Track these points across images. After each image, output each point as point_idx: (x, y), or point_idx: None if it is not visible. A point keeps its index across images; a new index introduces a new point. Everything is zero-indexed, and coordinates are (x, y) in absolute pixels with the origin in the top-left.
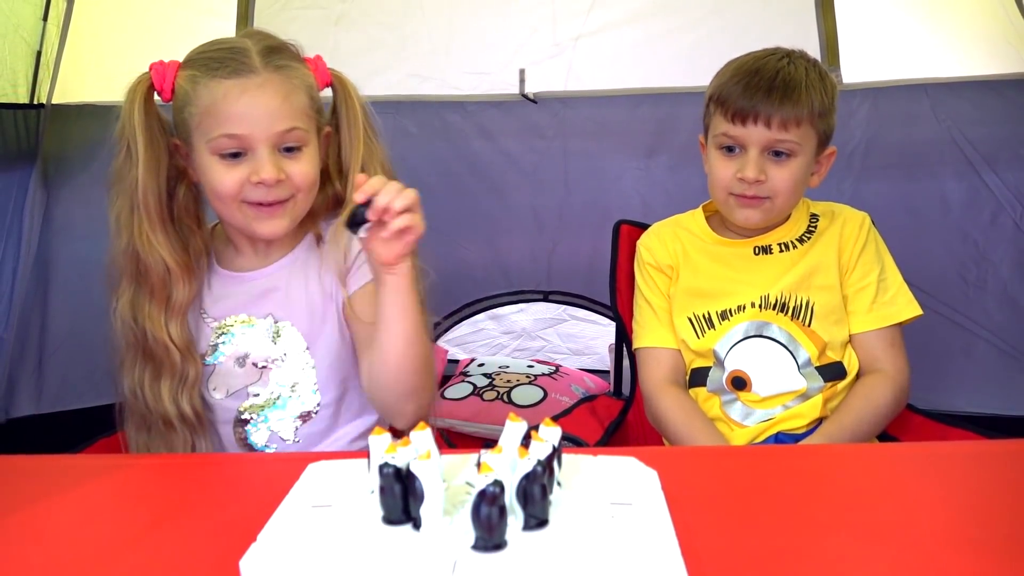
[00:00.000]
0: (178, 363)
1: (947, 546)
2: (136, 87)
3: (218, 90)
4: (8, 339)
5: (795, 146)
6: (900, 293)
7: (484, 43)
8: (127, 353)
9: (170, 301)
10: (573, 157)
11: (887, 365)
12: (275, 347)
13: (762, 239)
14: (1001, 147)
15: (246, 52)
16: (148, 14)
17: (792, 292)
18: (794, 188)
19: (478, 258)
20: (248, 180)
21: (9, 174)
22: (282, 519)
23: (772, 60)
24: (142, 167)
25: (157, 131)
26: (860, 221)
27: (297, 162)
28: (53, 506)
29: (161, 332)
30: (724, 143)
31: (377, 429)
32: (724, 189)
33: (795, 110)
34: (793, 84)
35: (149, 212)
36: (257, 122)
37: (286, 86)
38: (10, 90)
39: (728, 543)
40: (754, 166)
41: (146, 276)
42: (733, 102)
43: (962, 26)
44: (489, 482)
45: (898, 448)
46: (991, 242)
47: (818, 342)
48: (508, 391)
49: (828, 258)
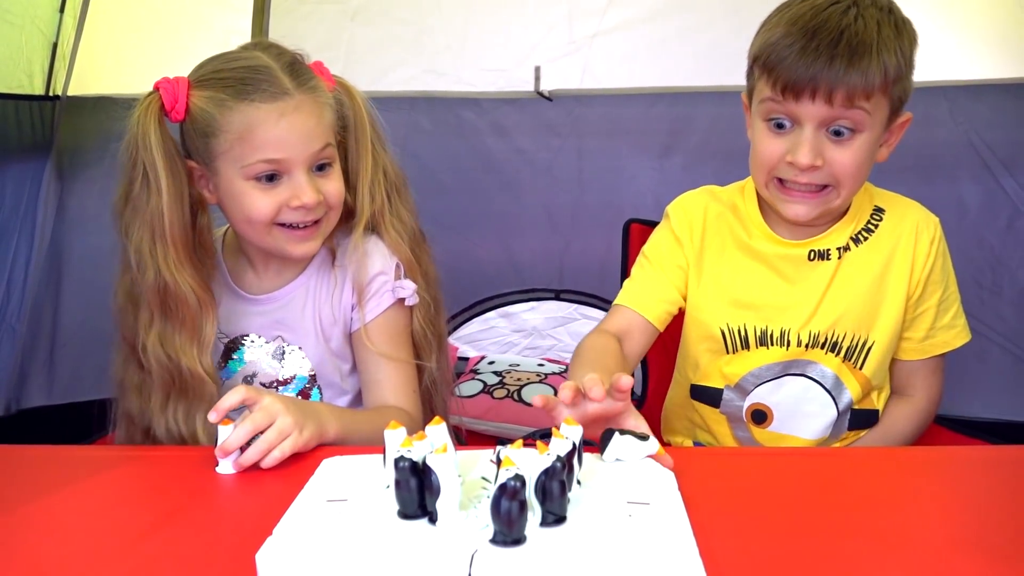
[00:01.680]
0: (213, 396)
1: (960, 551)
2: (147, 109)
3: (255, 116)
4: (20, 330)
5: (862, 119)
6: (957, 315)
7: (500, 40)
8: (159, 391)
9: (201, 333)
10: (587, 155)
11: (920, 392)
12: (282, 369)
13: (820, 240)
14: (1019, 151)
15: (272, 72)
16: (164, 7)
17: (851, 330)
18: (858, 173)
19: (490, 255)
20: (286, 204)
21: (24, 165)
22: (297, 513)
23: (835, 13)
24: (166, 197)
25: (176, 156)
26: (933, 233)
27: (329, 180)
28: (69, 496)
29: (196, 366)
30: (773, 113)
31: (392, 423)
32: (768, 171)
33: (864, 80)
34: (862, 47)
35: (176, 244)
36: (295, 145)
37: (318, 106)
38: (26, 81)
39: (744, 544)
40: (809, 148)
41: (176, 310)
42: (785, 70)
43: (980, 29)
44: (510, 476)
45: (913, 452)
46: (1007, 247)
47: (866, 386)
48: (518, 389)
49: (896, 280)
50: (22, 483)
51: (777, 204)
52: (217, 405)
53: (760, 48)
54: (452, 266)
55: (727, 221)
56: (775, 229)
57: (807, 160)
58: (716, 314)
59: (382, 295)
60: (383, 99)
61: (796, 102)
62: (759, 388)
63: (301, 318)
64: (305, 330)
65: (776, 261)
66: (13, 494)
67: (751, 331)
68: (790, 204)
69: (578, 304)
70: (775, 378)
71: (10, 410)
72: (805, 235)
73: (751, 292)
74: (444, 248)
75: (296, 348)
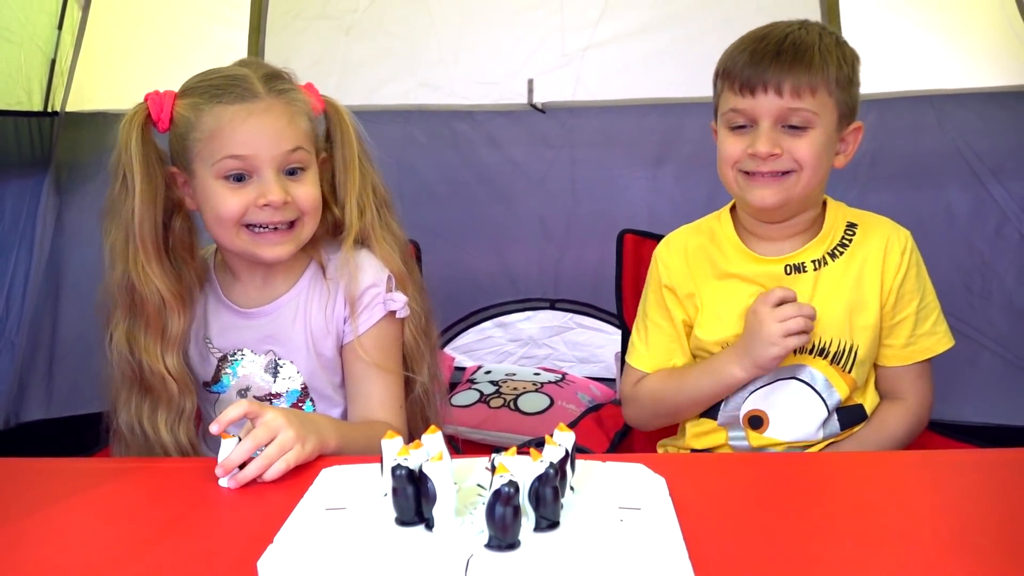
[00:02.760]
0: (175, 395)
1: (951, 553)
2: (133, 118)
3: (224, 115)
4: (19, 344)
5: (811, 116)
6: (938, 322)
7: (493, 53)
8: (123, 387)
9: (165, 333)
10: (581, 166)
11: (911, 396)
12: (274, 383)
13: (795, 256)
14: (1006, 158)
15: (247, 79)
16: (161, 23)
17: (836, 337)
18: (817, 161)
19: (485, 266)
20: (254, 203)
21: (23, 181)
22: (297, 522)
23: (781, 26)
24: (139, 198)
25: (154, 161)
26: (903, 245)
27: (301, 184)
28: (71, 507)
29: (158, 363)
30: (733, 121)
31: (389, 433)
32: (732, 165)
33: (808, 75)
34: (804, 47)
35: (145, 243)
36: (262, 144)
37: (289, 109)
38: (24, 98)
39: (734, 548)
40: (766, 139)
41: (141, 308)
42: (739, 71)
43: (967, 38)
44: (504, 482)
45: (903, 456)
46: (996, 253)
47: (852, 386)
48: (515, 399)
49: (869, 290)
50: (23, 495)
51: (745, 193)
52: (219, 418)
53: (720, 64)
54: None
55: (707, 252)
56: (752, 247)
57: (766, 148)
58: (712, 336)
59: (374, 307)
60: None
61: (752, 97)
62: (753, 395)
63: (291, 331)
64: (296, 344)
65: (756, 278)
66: (14, 506)
67: None
68: (756, 189)
69: (573, 313)
70: (767, 384)
71: (9, 424)
72: (780, 252)
73: (739, 311)
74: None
75: (288, 362)
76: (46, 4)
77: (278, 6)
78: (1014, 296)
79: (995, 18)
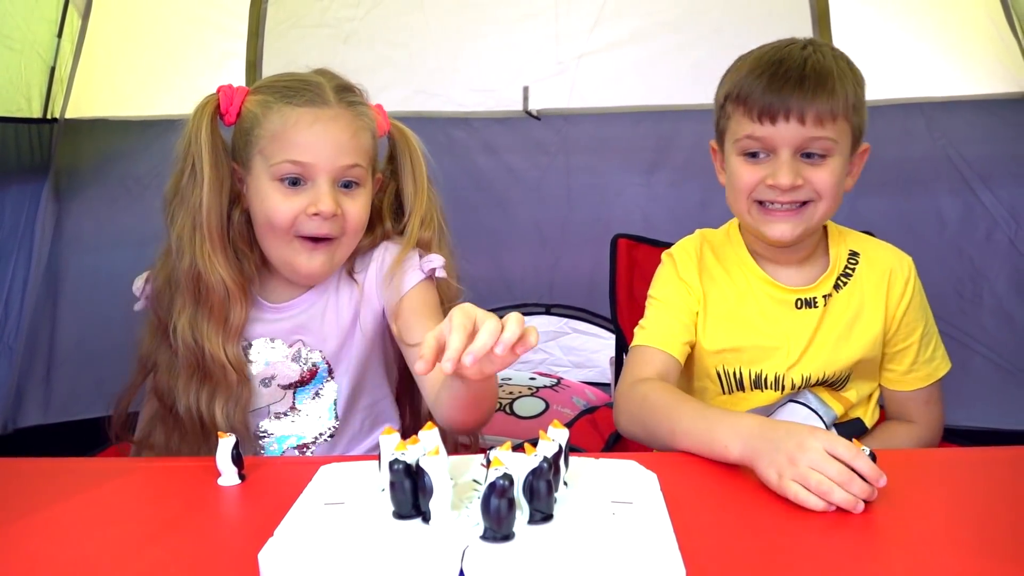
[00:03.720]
0: (234, 383)
1: (945, 549)
2: (204, 108)
3: (291, 116)
4: (17, 349)
5: (831, 144)
6: (938, 346)
7: (489, 61)
8: (184, 372)
9: (227, 322)
10: (575, 173)
11: (920, 421)
12: (299, 373)
13: (808, 290)
14: (995, 165)
15: (320, 86)
16: (160, 32)
17: (837, 371)
18: (836, 190)
19: (481, 271)
20: (304, 211)
21: (22, 187)
22: (297, 516)
23: (795, 49)
24: (207, 188)
25: (221, 152)
26: (906, 276)
27: (353, 200)
28: (73, 506)
29: (219, 352)
30: (749, 148)
31: (387, 429)
32: (747, 195)
33: (831, 102)
34: (825, 73)
35: (211, 233)
36: (323, 152)
37: (355, 123)
38: (24, 105)
39: (724, 541)
40: (788, 170)
41: (206, 297)
42: (759, 98)
43: (956, 46)
44: (499, 475)
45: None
46: (986, 258)
47: (847, 404)
48: (510, 403)
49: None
50: (25, 495)
51: (760, 227)
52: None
53: (730, 87)
54: None
55: (718, 266)
56: (763, 267)
57: (788, 180)
58: (713, 356)
59: (412, 271)
60: None
61: (772, 125)
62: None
63: (322, 322)
64: (323, 334)
65: (766, 303)
66: (16, 505)
67: (745, 375)
68: (774, 224)
69: (568, 318)
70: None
71: (7, 429)
72: (792, 280)
73: (743, 334)
74: None
75: (316, 352)
76: (46, 12)
77: (276, 14)
78: (1004, 301)
79: (984, 26)
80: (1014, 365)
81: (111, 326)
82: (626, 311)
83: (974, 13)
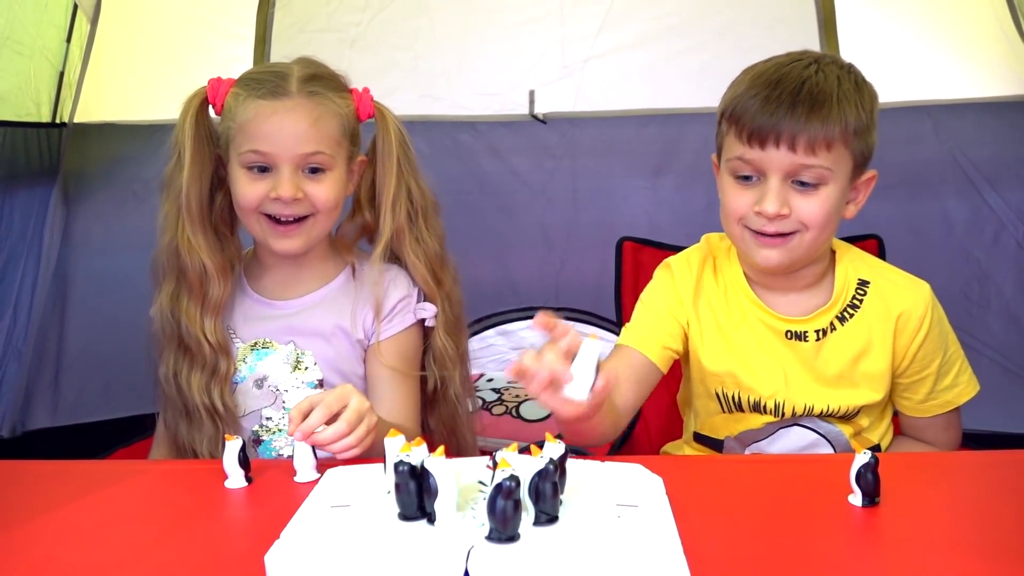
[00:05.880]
0: (208, 357)
1: (950, 552)
2: (192, 99)
3: (252, 108)
4: (26, 352)
5: (825, 173)
6: (961, 371)
7: (495, 65)
8: (164, 343)
9: (206, 299)
10: (581, 176)
11: (938, 443)
12: (292, 375)
13: (799, 322)
14: (1003, 167)
15: (285, 77)
16: (168, 37)
17: (836, 403)
18: (826, 221)
19: (487, 275)
20: (268, 195)
21: (31, 191)
22: (303, 518)
23: (797, 67)
24: (187, 172)
25: (205, 141)
26: (922, 311)
27: (319, 184)
28: (80, 509)
29: (195, 326)
30: (739, 170)
31: (392, 431)
32: (738, 222)
33: (825, 128)
34: (822, 96)
35: (191, 215)
36: (282, 142)
37: (315, 112)
38: (33, 109)
39: (729, 545)
40: (775, 198)
41: (185, 274)
42: (749, 119)
43: (963, 49)
44: (506, 476)
45: (902, 456)
46: (993, 261)
47: (857, 427)
48: (517, 406)
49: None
50: (33, 497)
51: (751, 252)
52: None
53: (727, 103)
54: None
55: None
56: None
57: (774, 209)
58: (711, 377)
59: (405, 315)
60: None
61: (762, 150)
62: (759, 442)
63: (317, 325)
64: (320, 338)
65: (758, 329)
66: (25, 508)
67: (744, 399)
68: (761, 251)
69: (574, 321)
70: (767, 436)
71: (16, 431)
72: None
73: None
74: None
75: (309, 355)
76: (55, 17)
77: (283, 19)
78: (1012, 304)
79: (991, 28)
80: (1021, 368)
81: (119, 329)
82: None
83: (981, 15)
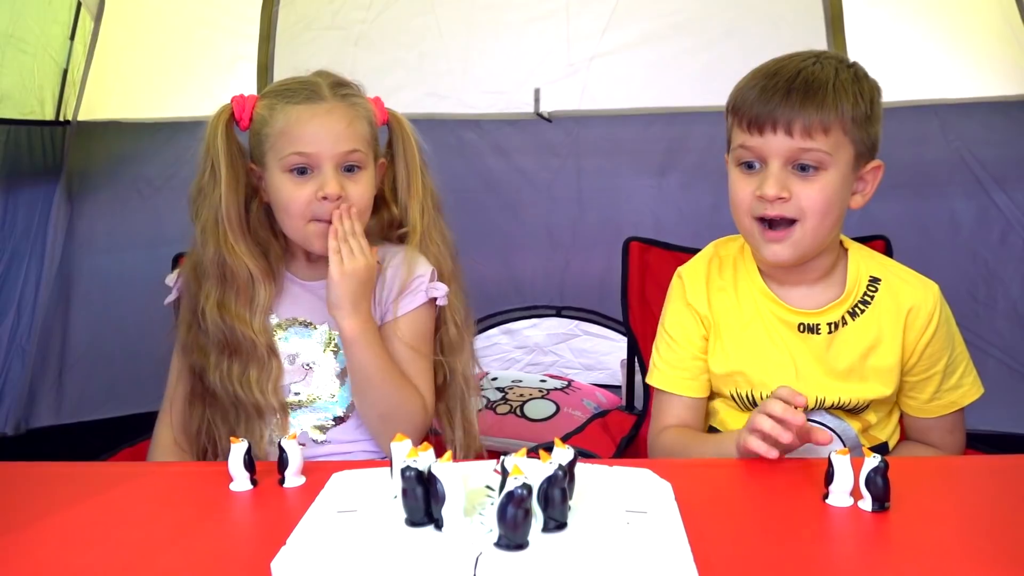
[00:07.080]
0: (264, 357)
1: (959, 556)
2: (219, 116)
3: (292, 114)
4: (30, 351)
5: (823, 157)
6: (966, 373)
7: (500, 63)
8: (213, 350)
9: (254, 302)
10: (586, 175)
11: (943, 446)
12: (323, 353)
13: (812, 315)
14: (1010, 167)
15: (316, 84)
16: (172, 35)
17: (852, 395)
18: (827, 208)
19: (492, 273)
20: (315, 196)
21: (34, 189)
22: (310, 524)
23: (795, 60)
24: (225, 185)
25: (236, 154)
26: (931, 309)
27: (356, 183)
28: (85, 511)
29: (247, 328)
30: (743, 157)
31: (399, 436)
32: (747, 212)
33: (820, 113)
34: (817, 84)
35: (232, 224)
36: (324, 142)
37: (350, 113)
38: (37, 107)
39: (739, 553)
40: (774, 181)
41: (232, 279)
42: (748, 108)
43: (971, 48)
44: (518, 484)
45: (910, 460)
46: (1001, 261)
47: (865, 423)
48: (521, 405)
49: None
50: (37, 499)
51: (759, 247)
52: None
53: (731, 97)
54: None
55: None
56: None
57: (774, 191)
58: (723, 379)
59: (417, 293)
60: None
61: (761, 136)
62: None
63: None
64: None
65: (771, 322)
66: (29, 509)
67: (757, 396)
68: (768, 246)
69: (579, 320)
70: None
71: (19, 429)
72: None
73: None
74: None
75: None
76: (59, 15)
77: (288, 17)
78: (1018, 304)
79: (998, 28)
80: None
81: (123, 327)
82: (638, 314)
83: (989, 15)
